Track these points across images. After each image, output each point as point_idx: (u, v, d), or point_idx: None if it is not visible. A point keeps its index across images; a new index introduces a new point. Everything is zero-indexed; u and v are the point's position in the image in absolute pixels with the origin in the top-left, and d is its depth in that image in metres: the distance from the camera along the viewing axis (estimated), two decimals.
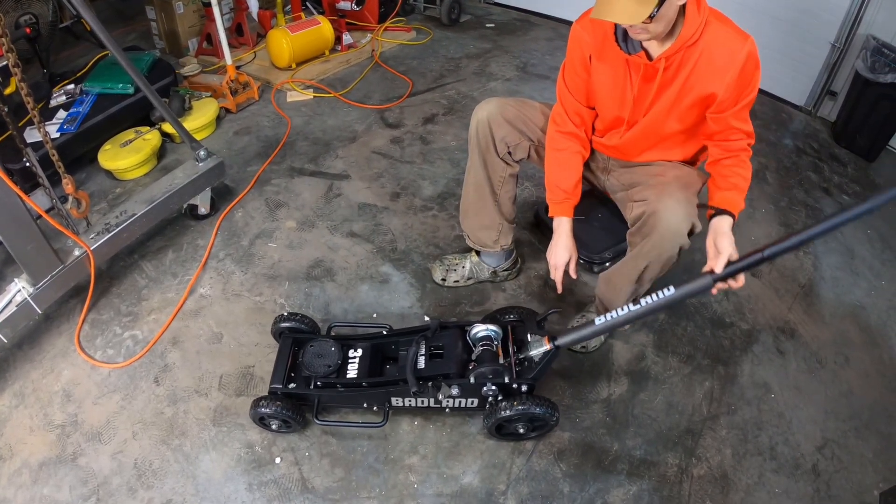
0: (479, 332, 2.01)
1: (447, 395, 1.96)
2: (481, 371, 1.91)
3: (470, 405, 2.05)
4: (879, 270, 3.08)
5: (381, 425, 2.05)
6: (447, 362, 1.97)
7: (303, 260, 2.74)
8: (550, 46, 4.96)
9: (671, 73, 1.88)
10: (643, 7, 1.64)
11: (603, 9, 1.67)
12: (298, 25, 4.17)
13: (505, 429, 2.04)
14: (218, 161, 2.79)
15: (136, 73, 2.45)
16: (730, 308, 2.70)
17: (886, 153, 4.01)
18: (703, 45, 1.81)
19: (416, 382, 1.92)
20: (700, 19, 1.77)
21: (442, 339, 2.04)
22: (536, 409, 1.92)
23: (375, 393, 2.01)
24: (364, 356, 2.07)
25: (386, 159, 3.45)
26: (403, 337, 2.14)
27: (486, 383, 1.94)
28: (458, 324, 2.10)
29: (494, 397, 1.98)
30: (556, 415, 1.97)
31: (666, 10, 1.69)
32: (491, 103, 2.27)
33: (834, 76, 4.12)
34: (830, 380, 2.50)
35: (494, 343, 2.01)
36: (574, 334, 1.93)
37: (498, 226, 2.48)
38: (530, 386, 1.98)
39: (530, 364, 1.98)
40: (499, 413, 1.94)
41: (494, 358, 1.96)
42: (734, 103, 1.87)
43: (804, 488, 2.13)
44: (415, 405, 2.04)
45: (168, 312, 2.47)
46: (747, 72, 1.81)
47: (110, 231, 2.43)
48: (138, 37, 4.56)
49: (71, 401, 2.16)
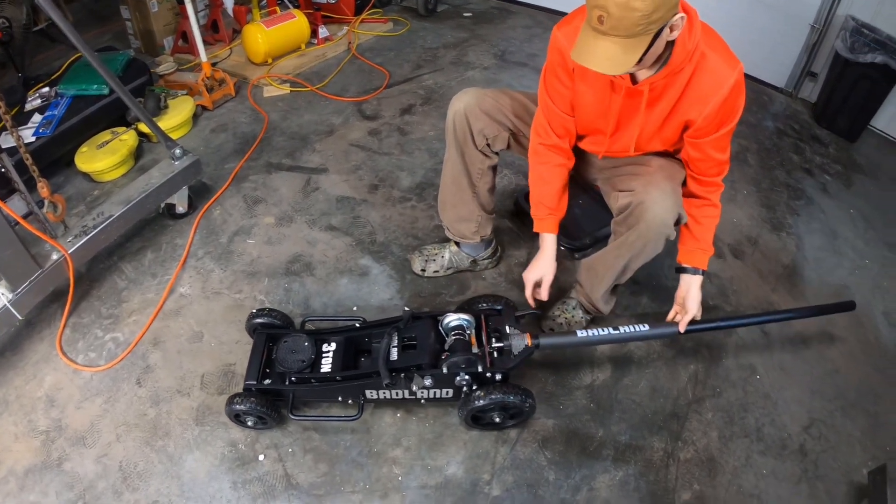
0: (451, 321, 2.00)
1: (421, 386, 1.95)
2: (454, 361, 1.90)
3: (445, 396, 2.04)
4: (863, 250, 3.09)
5: (356, 418, 2.06)
6: (420, 353, 1.96)
7: (282, 255, 2.72)
8: (528, 34, 4.94)
9: (656, 96, 1.82)
10: (629, 55, 1.54)
11: (584, 53, 1.58)
12: (274, 20, 4.12)
13: (481, 418, 2.04)
14: (194, 159, 2.77)
15: (108, 73, 2.42)
16: (713, 291, 2.70)
17: (867, 133, 4.04)
18: (691, 72, 1.73)
19: (389, 374, 1.91)
20: (690, 48, 1.68)
21: (414, 330, 2.03)
22: (511, 397, 1.92)
23: (349, 386, 2.00)
24: (338, 350, 2.06)
25: (364, 151, 3.42)
26: (377, 329, 2.13)
27: (459, 373, 1.93)
28: (430, 314, 2.09)
29: (468, 387, 1.97)
30: (529, 402, 1.96)
31: (654, 50, 1.60)
32: (467, 94, 2.22)
33: (814, 57, 4.14)
34: (816, 360, 2.51)
35: (467, 332, 2.00)
36: (557, 339, 2.05)
37: (477, 217, 2.46)
38: (504, 374, 1.98)
39: (506, 355, 1.98)
40: (473, 403, 1.93)
41: (467, 347, 1.95)
42: (715, 130, 1.83)
43: (792, 468, 2.13)
44: (389, 397, 2.04)
45: (148, 313, 2.44)
46: (730, 101, 1.76)
47: (88, 234, 2.40)
48: (114, 37, 4.50)
49: (55, 406, 2.14)
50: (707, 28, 1.73)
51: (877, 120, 4.01)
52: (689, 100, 1.79)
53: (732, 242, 3.00)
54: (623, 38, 1.51)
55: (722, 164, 1.94)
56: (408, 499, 1.94)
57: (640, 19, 1.47)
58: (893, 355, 2.58)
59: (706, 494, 2.03)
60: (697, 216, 2.02)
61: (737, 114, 1.81)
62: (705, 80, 1.73)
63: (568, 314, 2.41)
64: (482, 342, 2.01)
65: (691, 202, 2.02)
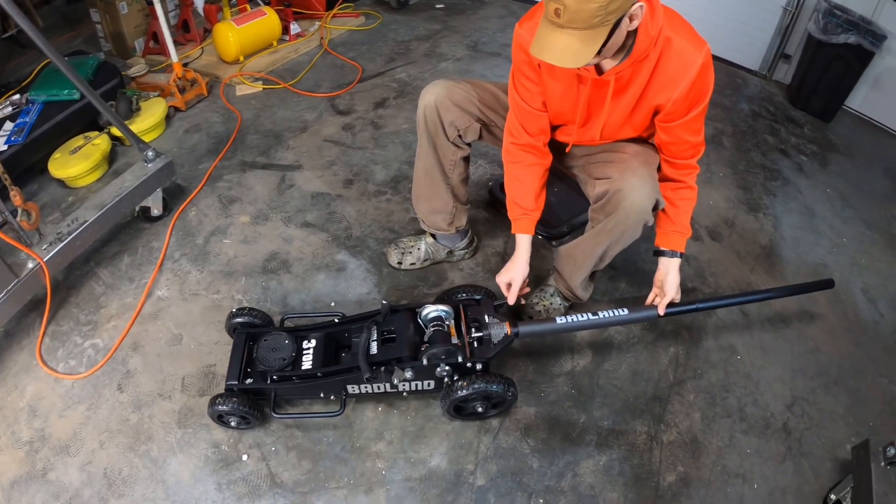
0: (430, 312, 2.00)
1: (401, 378, 1.95)
2: (433, 352, 1.90)
3: (427, 387, 2.04)
4: (840, 229, 3.12)
5: (339, 414, 2.05)
6: (399, 346, 1.96)
7: (258, 254, 2.71)
8: (501, 24, 4.93)
9: (622, 85, 1.81)
10: (588, 47, 1.53)
11: (543, 47, 1.56)
12: (244, 18, 4.08)
13: (464, 409, 2.04)
14: (167, 161, 2.74)
15: (78, 77, 2.39)
16: (691, 273, 2.72)
17: (842, 113, 4.08)
18: (657, 58, 1.72)
19: (369, 368, 1.91)
20: (654, 34, 1.66)
21: (393, 323, 2.03)
22: (493, 386, 1.92)
23: (331, 382, 2.00)
24: (318, 346, 2.05)
25: (338, 147, 3.41)
26: (356, 323, 2.13)
27: (439, 364, 1.93)
28: (408, 306, 2.09)
29: (449, 377, 1.97)
30: (511, 390, 1.97)
31: (614, 40, 1.58)
32: (437, 87, 2.19)
33: (787, 39, 4.16)
34: (796, 338, 2.53)
35: (446, 323, 2.00)
36: (536, 327, 2.06)
37: (452, 209, 2.45)
38: (485, 364, 1.98)
39: (486, 344, 1.98)
40: (455, 393, 1.93)
41: (447, 338, 1.95)
42: (685, 113, 1.82)
43: (776, 447, 2.15)
44: (371, 391, 2.03)
45: (127, 318, 2.42)
46: (699, 83, 1.74)
47: (63, 240, 2.37)
48: (85, 41, 4.45)
49: (37, 416, 2.12)
50: (670, 11, 1.72)
51: (851, 100, 4.05)
52: (657, 85, 1.78)
53: (710, 225, 3.02)
54: (581, 30, 1.50)
55: (696, 146, 1.94)
56: (392, 492, 1.94)
57: (597, 11, 1.46)
58: (873, 331, 2.62)
59: (691, 475, 2.04)
60: (674, 199, 2.03)
61: (706, 95, 1.80)
62: (672, 65, 1.72)
63: (546, 301, 2.42)
64: (462, 333, 2.01)
65: (667, 185, 2.02)
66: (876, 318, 2.68)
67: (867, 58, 3.68)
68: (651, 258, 2.14)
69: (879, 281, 2.86)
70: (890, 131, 4.01)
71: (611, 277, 2.65)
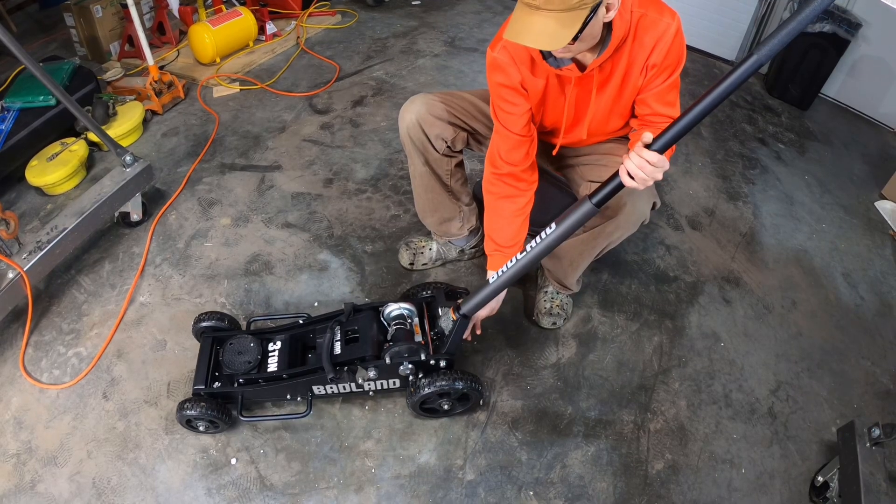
0: (392, 311, 2.00)
1: (365, 378, 1.95)
2: (396, 350, 1.90)
3: (392, 386, 2.04)
4: (820, 214, 3.15)
5: (306, 415, 2.05)
6: (362, 345, 1.95)
7: (240, 256, 2.69)
8: (478, 19, 4.94)
9: (605, 75, 1.80)
10: (565, 29, 1.49)
11: (519, 30, 1.51)
12: (220, 18, 4.06)
13: (431, 406, 2.04)
14: (145, 165, 2.72)
15: (53, 83, 2.37)
16: (672, 262, 2.74)
17: (819, 101, 4.13)
18: (633, 38, 1.71)
19: (333, 368, 1.91)
20: (628, 21, 1.66)
21: (357, 323, 2.02)
22: (457, 383, 1.92)
23: (296, 384, 2.00)
24: (283, 348, 2.05)
25: (317, 146, 3.40)
26: (320, 324, 2.13)
27: (402, 362, 1.93)
28: (371, 305, 2.08)
29: (414, 375, 1.97)
30: (475, 386, 1.96)
31: (591, 29, 1.56)
32: (415, 104, 2.15)
33: (763, 29, 4.19)
34: (779, 324, 2.56)
35: (409, 321, 2.00)
36: (475, 298, 1.88)
37: (459, 214, 2.45)
38: (449, 361, 1.98)
39: (441, 338, 1.98)
40: (419, 391, 1.94)
41: (409, 336, 1.95)
42: (661, 79, 1.78)
43: (762, 432, 2.18)
44: (336, 392, 2.04)
45: (110, 325, 2.40)
46: (675, 47, 1.73)
47: (42, 249, 2.35)
48: (60, 45, 4.40)
49: (23, 428, 2.09)
50: None
51: (827, 87, 4.10)
52: (638, 62, 1.76)
53: (690, 214, 3.04)
54: (559, 11, 1.47)
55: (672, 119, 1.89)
56: (382, 490, 1.95)
57: None
58: (854, 314, 2.65)
59: (679, 463, 2.06)
60: None
61: (681, 61, 1.77)
62: (648, 35, 1.71)
63: (555, 301, 2.42)
64: (425, 330, 2.01)
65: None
66: (857, 301, 2.71)
67: (843, 46, 3.72)
68: (633, 249, 2.15)
69: (859, 265, 2.90)
70: (866, 118, 4.07)
71: (594, 270, 2.65)
